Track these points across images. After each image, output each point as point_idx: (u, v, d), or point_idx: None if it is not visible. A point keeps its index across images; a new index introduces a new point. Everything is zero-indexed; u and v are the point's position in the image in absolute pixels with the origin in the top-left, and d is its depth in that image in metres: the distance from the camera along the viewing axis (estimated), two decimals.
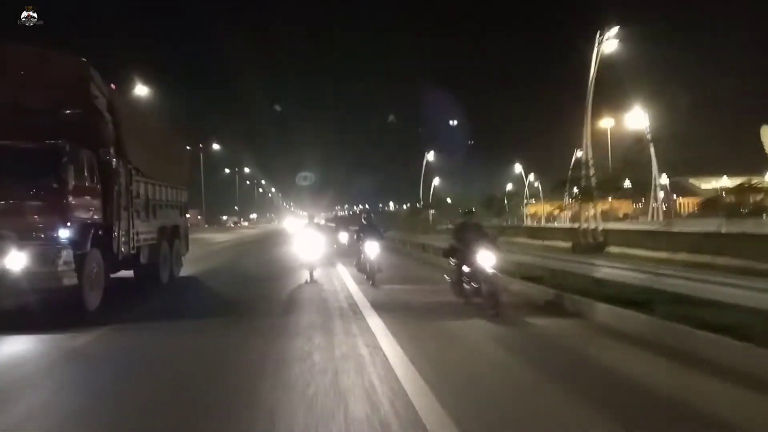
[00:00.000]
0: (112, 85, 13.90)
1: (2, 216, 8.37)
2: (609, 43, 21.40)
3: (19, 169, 8.60)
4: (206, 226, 60.04)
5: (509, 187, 62.91)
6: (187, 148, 17.82)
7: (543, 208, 58.03)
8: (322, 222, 19.57)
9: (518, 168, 67.23)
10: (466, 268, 8.89)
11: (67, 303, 8.53)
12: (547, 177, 53.72)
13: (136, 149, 10.83)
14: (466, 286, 8.89)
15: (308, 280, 12.34)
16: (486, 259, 8.48)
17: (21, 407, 4.77)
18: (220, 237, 39.33)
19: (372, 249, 12.20)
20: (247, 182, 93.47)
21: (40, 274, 8.05)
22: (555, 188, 29.44)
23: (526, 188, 66.29)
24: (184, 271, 14.99)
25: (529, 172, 66.52)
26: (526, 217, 60.75)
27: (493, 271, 8.46)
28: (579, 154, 21.17)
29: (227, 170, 78.97)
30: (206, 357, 6.40)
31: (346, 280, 12.84)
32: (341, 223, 37.31)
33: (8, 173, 8.54)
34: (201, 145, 56.49)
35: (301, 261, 13.15)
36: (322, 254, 13.70)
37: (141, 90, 30.43)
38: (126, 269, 11.37)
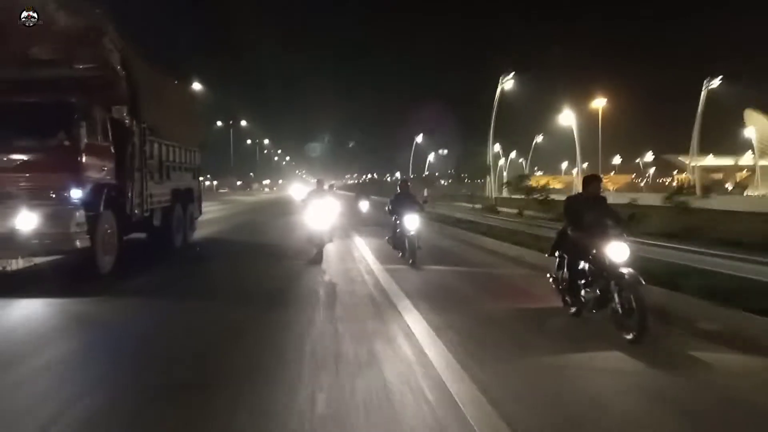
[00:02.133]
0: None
1: (12, 174, 7.82)
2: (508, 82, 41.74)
3: (29, 126, 8.02)
4: (225, 190, 74.01)
5: (501, 162, 71.97)
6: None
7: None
8: (334, 189, 18.21)
9: (497, 147, 69.82)
10: (583, 264, 6.07)
11: (79, 266, 8.16)
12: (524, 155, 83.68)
13: (150, 108, 10.15)
14: (583, 291, 6.04)
15: (315, 259, 10.46)
16: (618, 251, 5.63)
17: (27, 370, 4.51)
18: (248, 198, 51.57)
19: (412, 222, 10.65)
20: (265, 152, 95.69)
21: (52, 235, 7.55)
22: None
23: (507, 163, 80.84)
24: (211, 228, 14.41)
25: (509, 151, 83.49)
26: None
27: (631, 270, 5.43)
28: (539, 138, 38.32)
29: (249, 141, 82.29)
30: (215, 331, 5.79)
31: (367, 257, 11.28)
32: (362, 191, 36.52)
33: (18, 129, 7.99)
34: (231, 122, 60.20)
35: (309, 234, 11.01)
36: (333, 226, 11.69)
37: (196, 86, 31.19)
38: (139, 232, 10.87)
